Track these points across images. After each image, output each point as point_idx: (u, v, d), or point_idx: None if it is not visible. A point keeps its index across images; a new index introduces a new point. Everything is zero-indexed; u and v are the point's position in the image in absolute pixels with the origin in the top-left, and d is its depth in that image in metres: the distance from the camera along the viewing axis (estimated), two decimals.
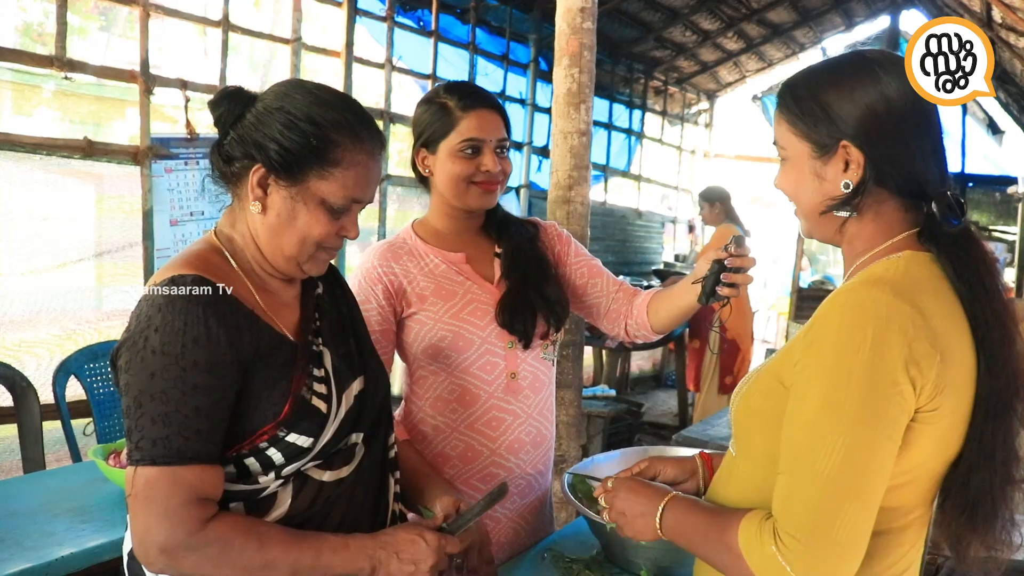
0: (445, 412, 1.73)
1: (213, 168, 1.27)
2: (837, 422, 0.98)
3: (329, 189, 1.20)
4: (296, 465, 1.22)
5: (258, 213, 1.22)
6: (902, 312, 0.99)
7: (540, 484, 1.82)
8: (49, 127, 3.74)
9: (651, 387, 8.13)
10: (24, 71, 3.72)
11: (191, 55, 4.45)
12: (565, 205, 2.97)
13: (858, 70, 1.10)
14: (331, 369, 1.29)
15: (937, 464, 1.08)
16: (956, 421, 1.06)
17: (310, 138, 1.18)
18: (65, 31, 3.57)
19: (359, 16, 5.20)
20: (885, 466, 0.99)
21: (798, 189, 1.16)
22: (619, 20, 7.42)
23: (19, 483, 2.27)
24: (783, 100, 1.16)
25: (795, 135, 1.14)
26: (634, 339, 1.87)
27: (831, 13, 8.61)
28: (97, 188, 3.84)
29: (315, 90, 1.24)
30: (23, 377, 2.74)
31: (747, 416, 1.18)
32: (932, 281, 1.06)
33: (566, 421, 3.02)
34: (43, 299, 3.59)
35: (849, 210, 1.11)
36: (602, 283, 1.86)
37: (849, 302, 1.02)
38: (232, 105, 1.22)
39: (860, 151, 1.08)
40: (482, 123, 1.67)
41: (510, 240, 1.77)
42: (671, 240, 10.09)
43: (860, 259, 1.13)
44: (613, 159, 8.41)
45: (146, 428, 1.09)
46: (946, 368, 1.00)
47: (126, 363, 1.12)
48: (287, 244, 1.23)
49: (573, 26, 2.90)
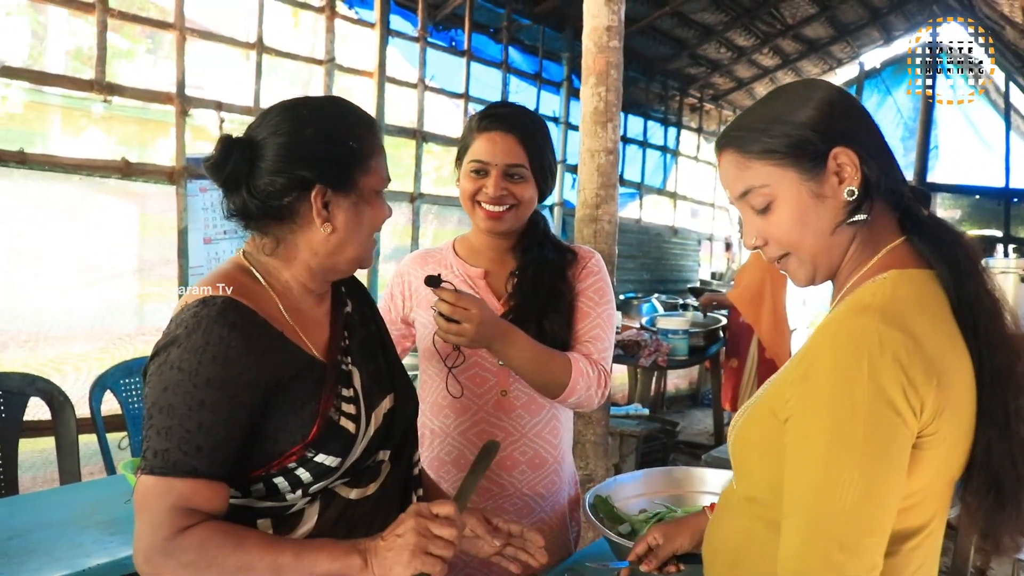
0: (440, 417, 1.77)
1: (242, 216, 1.24)
2: (848, 457, 0.96)
3: (374, 180, 1.27)
4: (323, 483, 1.22)
5: (329, 233, 1.23)
6: (894, 339, 0.97)
7: (542, 507, 1.79)
8: (96, 148, 3.83)
9: (687, 406, 8.04)
10: (71, 95, 3.82)
11: (228, 77, 4.53)
12: (593, 224, 2.97)
13: (801, 84, 1.13)
14: (360, 389, 1.29)
15: (941, 485, 1.06)
16: (958, 439, 1.04)
17: (350, 143, 1.23)
18: (105, 56, 3.67)
19: (391, 36, 5.27)
20: (896, 495, 0.98)
21: (803, 221, 1.08)
22: (653, 37, 7.42)
23: (53, 495, 2.33)
24: (743, 139, 1.11)
25: (774, 165, 1.08)
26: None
27: (869, 27, 8.50)
28: (137, 207, 3.93)
29: (315, 103, 1.27)
30: (61, 391, 2.81)
31: (744, 448, 1.16)
32: (921, 299, 1.04)
33: (593, 440, 3.00)
34: (81, 315, 3.67)
35: (863, 213, 1.08)
36: (573, 333, 1.74)
37: (840, 333, 1.00)
38: (242, 152, 1.21)
39: (852, 152, 1.06)
40: (490, 146, 1.68)
41: (527, 263, 1.76)
42: (708, 258, 10.01)
43: (848, 282, 1.11)
44: (648, 177, 8.38)
45: (151, 439, 1.11)
46: (944, 390, 0.98)
47: (149, 376, 1.15)
48: (357, 246, 1.27)
49: (600, 45, 2.91)
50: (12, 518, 1.99)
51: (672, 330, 5.67)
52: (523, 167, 1.69)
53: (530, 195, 1.71)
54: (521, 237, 1.79)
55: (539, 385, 1.64)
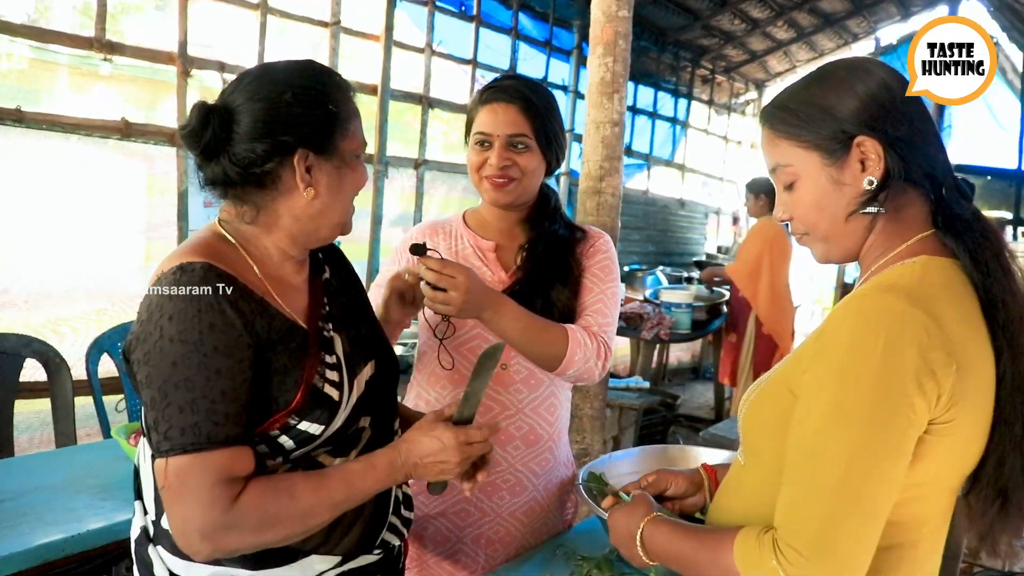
0: (437, 387, 1.75)
1: (221, 185, 1.21)
2: (843, 431, 0.95)
3: (354, 144, 1.26)
4: (305, 450, 1.21)
5: (312, 199, 1.22)
6: (916, 320, 0.95)
7: (535, 485, 1.78)
8: (99, 108, 3.78)
9: (689, 379, 8.04)
10: (75, 54, 3.76)
11: (233, 38, 4.46)
12: (596, 196, 2.93)
13: (848, 69, 1.09)
14: (343, 355, 1.28)
15: (952, 478, 1.05)
16: (974, 434, 1.02)
17: (328, 106, 1.21)
18: (105, 13, 3.62)
19: (399, 0, 5.19)
20: (892, 479, 0.96)
21: (820, 205, 1.09)
22: (666, 7, 7.30)
23: (46, 458, 2.32)
24: (777, 117, 1.12)
25: (800, 147, 1.09)
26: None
27: (886, 2, 8.37)
28: (139, 168, 3.89)
29: (291, 67, 1.24)
30: (57, 353, 2.80)
31: (755, 424, 1.15)
32: (950, 287, 1.02)
33: (590, 414, 2.99)
34: (80, 276, 3.65)
35: (877, 205, 1.06)
36: (577, 307, 1.73)
37: (861, 309, 0.99)
38: (220, 119, 1.17)
39: (877, 142, 1.04)
40: (492, 117, 1.66)
41: (537, 236, 1.75)
42: (715, 231, 9.96)
43: (875, 264, 1.09)
44: (657, 148, 8.31)
45: (174, 418, 1.08)
46: (963, 379, 0.96)
47: (144, 355, 1.11)
48: (340, 209, 1.27)
49: (608, 14, 2.85)
50: (4, 481, 1.98)
51: (675, 303, 5.64)
52: (526, 136, 1.66)
53: (534, 166, 1.69)
54: (531, 211, 1.78)
55: (534, 356, 1.62)
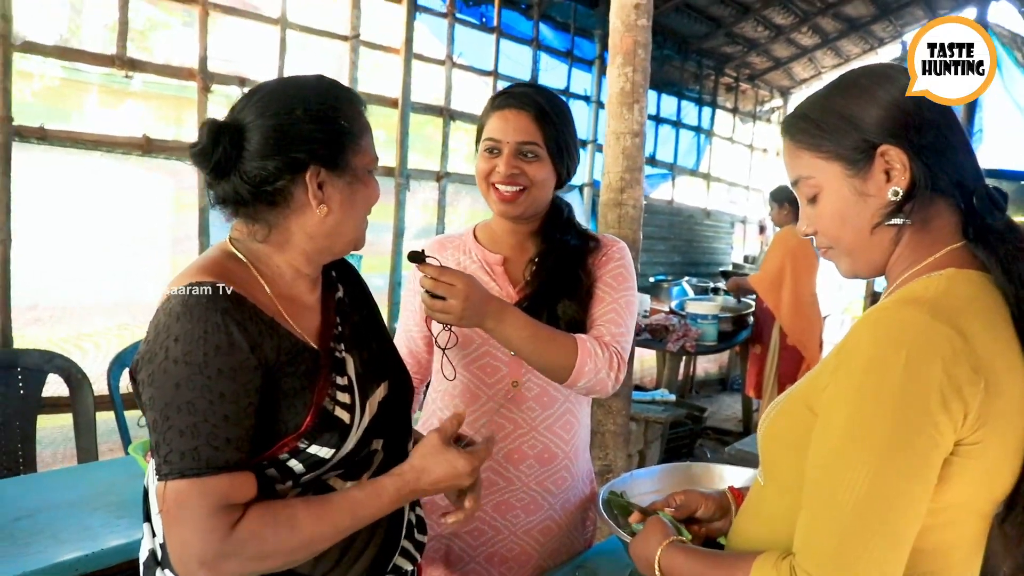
0: (450, 406, 1.72)
1: (232, 203, 1.19)
2: (862, 451, 0.90)
3: (366, 159, 1.24)
4: (315, 474, 1.19)
5: (324, 216, 1.20)
6: (940, 334, 0.90)
7: (551, 503, 1.74)
8: (122, 125, 3.81)
9: (717, 391, 7.95)
10: (107, 72, 3.80)
11: (252, 53, 4.49)
12: (617, 208, 2.88)
13: (870, 76, 1.06)
14: (354, 377, 1.25)
15: (983, 503, 0.99)
16: (1005, 456, 0.96)
17: (340, 122, 1.20)
18: (126, 31, 3.65)
19: (419, 12, 5.19)
20: (915, 503, 0.91)
21: (843, 217, 1.06)
22: (688, 15, 7.26)
23: (65, 474, 2.33)
24: (797, 128, 1.09)
25: (822, 158, 1.06)
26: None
27: (912, 6, 8.23)
28: (161, 184, 3.92)
29: (301, 83, 1.23)
30: (78, 369, 2.82)
31: (774, 443, 1.11)
32: (978, 300, 0.97)
33: (613, 431, 2.94)
34: (103, 292, 3.68)
35: (903, 217, 1.02)
36: (588, 318, 1.67)
37: (882, 322, 0.94)
38: (231, 137, 1.16)
39: (902, 151, 1.00)
40: (503, 124, 1.63)
41: (547, 248, 1.71)
42: (741, 241, 9.85)
43: (900, 278, 1.04)
44: (681, 157, 8.25)
45: (174, 441, 1.06)
46: (992, 396, 0.91)
47: (148, 376, 1.08)
48: (353, 226, 1.25)
49: (627, 23, 2.81)
50: (22, 498, 1.99)
51: (701, 315, 5.57)
52: (536, 145, 1.62)
53: (544, 176, 1.64)
54: (543, 224, 1.73)
55: (541, 366, 1.58)
